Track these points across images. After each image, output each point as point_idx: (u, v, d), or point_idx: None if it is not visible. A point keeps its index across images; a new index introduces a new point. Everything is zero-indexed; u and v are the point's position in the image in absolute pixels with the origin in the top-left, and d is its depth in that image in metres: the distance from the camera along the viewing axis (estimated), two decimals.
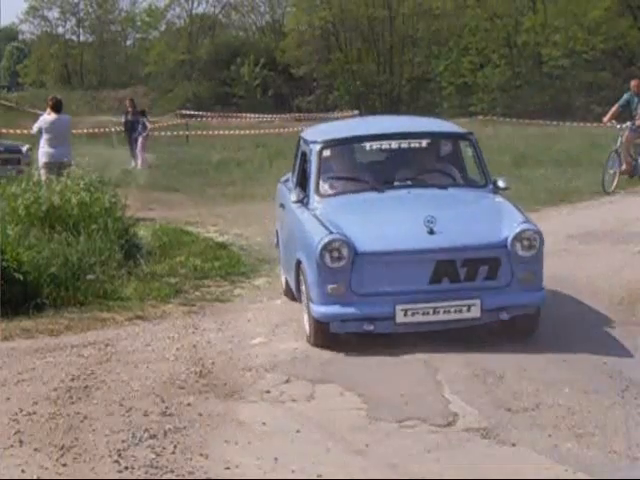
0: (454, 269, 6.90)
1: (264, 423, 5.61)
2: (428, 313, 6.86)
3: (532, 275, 7.04)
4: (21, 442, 5.35)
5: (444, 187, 7.94)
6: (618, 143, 16.44)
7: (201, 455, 5.15)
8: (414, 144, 8.11)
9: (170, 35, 64.26)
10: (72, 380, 6.50)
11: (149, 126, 24.67)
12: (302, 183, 8.30)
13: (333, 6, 55.64)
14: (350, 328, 7.03)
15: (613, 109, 16.94)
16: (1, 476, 4.89)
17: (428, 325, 6.94)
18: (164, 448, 5.24)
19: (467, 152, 8.38)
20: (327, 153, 8.14)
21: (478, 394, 6.06)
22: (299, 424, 5.59)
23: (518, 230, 7.00)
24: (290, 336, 7.65)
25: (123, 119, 25.05)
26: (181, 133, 31.31)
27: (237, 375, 6.61)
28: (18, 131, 22.33)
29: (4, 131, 22.73)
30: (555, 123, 32.32)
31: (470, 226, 7.21)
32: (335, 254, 6.85)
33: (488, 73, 48.12)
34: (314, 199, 7.80)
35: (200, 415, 5.77)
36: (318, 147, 8.09)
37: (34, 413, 5.82)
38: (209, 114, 39.05)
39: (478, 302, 6.89)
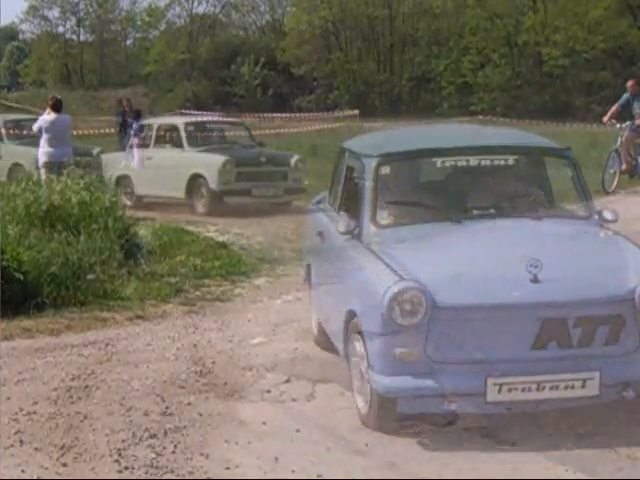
0: (565, 330, 5.21)
1: (264, 423, 5.61)
2: (530, 389, 5.19)
3: None
4: (21, 442, 5.35)
5: (539, 218, 6.22)
6: (618, 143, 16.44)
7: (201, 455, 5.15)
8: (499, 161, 6.46)
9: (170, 34, 64.34)
10: (72, 380, 6.50)
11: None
12: (348, 208, 6.61)
13: (333, 5, 55.71)
14: (424, 407, 5.33)
15: (613, 109, 16.95)
16: (1, 476, 4.89)
17: (527, 404, 5.31)
18: (164, 448, 5.24)
19: (564, 172, 6.72)
20: (386, 170, 6.33)
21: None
22: (299, 424, 5.59)
23: None
24: (290, 336, 7.65)
25: (120, 119, 25.01)
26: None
27: (237, 375, 6.61)
28: (17, 131, 22.30)
29: (3, 131, 22.63)
30: (555, 123, 32.30)
31: (584, 273, 5.45)
32: (407, 307, 5.19)
33: (488, 73, 48.17)
34: (370, 230, 6.07)
35: (200, 415, 5.77)
36: (375, 163, 6.28)
37: (34, 413, 5.82)
38: (209, 114, 39.02)
39: (597, 375, 5.21)
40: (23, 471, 4.96)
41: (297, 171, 16.28)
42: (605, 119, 17.04)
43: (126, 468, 4.99)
